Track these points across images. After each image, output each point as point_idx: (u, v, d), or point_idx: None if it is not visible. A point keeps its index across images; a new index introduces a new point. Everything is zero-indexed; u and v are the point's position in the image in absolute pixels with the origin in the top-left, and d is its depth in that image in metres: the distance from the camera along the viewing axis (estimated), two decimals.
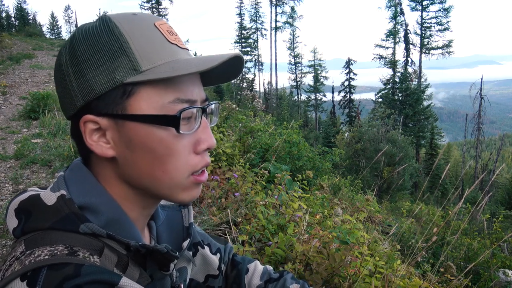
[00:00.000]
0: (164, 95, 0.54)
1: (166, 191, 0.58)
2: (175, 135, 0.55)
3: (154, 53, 0.54)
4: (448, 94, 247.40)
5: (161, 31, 0.56)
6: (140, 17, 0.57)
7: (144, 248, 0.57)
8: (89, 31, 0.55)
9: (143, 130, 0.54)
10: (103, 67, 0.53)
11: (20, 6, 34.97)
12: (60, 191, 0.55)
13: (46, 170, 4.38)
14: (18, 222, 0.55)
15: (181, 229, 0.74)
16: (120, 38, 0.54)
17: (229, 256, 0.93)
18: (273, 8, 39.25)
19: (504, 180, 24.00)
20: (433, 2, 32.77)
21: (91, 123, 0.55)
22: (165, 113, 0.54)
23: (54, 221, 0.53)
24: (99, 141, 0.56)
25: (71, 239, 0.52)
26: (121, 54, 0.53)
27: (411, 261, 2.51)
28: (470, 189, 2.26)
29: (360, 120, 25.98)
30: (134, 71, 0.53)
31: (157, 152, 0.55)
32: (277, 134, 5.84)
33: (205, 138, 0.58)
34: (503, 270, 5.00)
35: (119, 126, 0.55)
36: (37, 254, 0.49)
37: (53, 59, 13.76)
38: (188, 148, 0.57)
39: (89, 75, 0.54)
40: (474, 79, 27.41)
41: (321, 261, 1.96)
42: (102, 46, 0.54)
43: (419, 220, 7.95)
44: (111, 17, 0.56)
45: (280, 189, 2.77)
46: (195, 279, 0.86)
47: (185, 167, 0.57)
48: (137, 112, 0.54)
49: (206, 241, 0.88)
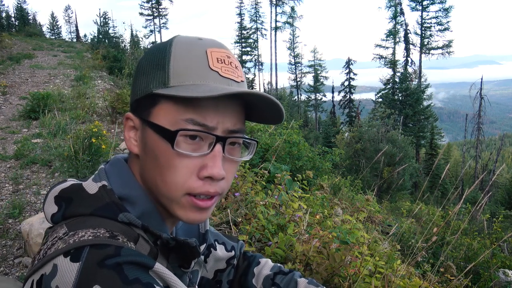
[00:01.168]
0: (182, 113, 0.57)
1: (165, 200, 0.61)
2: (173, 151, 0.57)
3: (186, 74, 0.58)
4: (448, 94, 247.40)
5: (209, 57, 0.59)
6: (200, 42, 0.61)
7: (174, 241, 0.61)
8: (156, 45, 0.63)
9: (153, 138, 0.58)
10: (146, 76, 0.60)
11: (20, 6, 34.94)
12: (101, 182, 0.61)
13: (46, 170, 4.38)
14: (58, 208, 0.59)
15: (197, 234, 0.78)
16: (166, 55, 0.59)
17: (241, 251, 0.98)
18: (273, 8, 39.26)
19: (504, 180, 23.98)
20: (433, 2, 32.77)
21: (130, 120, 0.63)
22: (169, 128, 0.57)
23: (95, 208, 0.57)
24: (132, 137, 0.63)
25: (111, 225, 0.56)
26: (161, 68, 0.59)
27: (411, 261, 2.51)
28: (470, 189, 2.26)
29: (360, 120, 25.98)
30: (163, 84, 0.58)
31: (159, 161, 0.58)
32: (277, 134, 5.84)
33: (209, 166, 0.58)
34: (503, 270, 5.00)
35: (143, 129, 0.61)
36: (81, 235, 0.53)
37: (53, 59, 13.76)
38: (191, 170, 0.58)
39: (138, 80, 0.62)
40: (474, 79, 27.41)
41: (321, 261, 1.96)
42: (152, 59, 0.61)
43: (419, 220, 7.95)
44: (177, 37, 0.62)
45: (280, 189, 2.77)
46: (205, 277, 0.90)
47: (182, 185, 0.58)
48: (155, 121, 0.58)
49: (220, 240, 0.92)
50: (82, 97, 7.85)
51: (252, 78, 42.38)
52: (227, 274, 0.92)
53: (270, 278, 0.91)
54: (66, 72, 11.18)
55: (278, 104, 0.60)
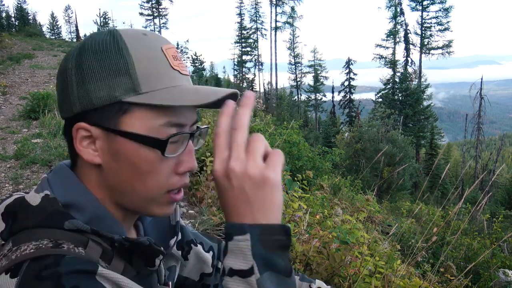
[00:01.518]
0: (157, 117, 0.57)
1: (141, 203, 0.61)
2: (160, 157, 0.57)
3: (156, 78, 0.57)
4: (448, 94, 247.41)
5: (167, 55, 0.59)
6: (149, 39, 0.59)
7: (127, 242, 0.59)
8: (99, 44, 0.57)
9: (132, 147, 0.57)
10: (105, 82, 0.56)
11: (20, 6, 34.96)
12: (44, 191, 0.58)
13: (46, 170, 4.38)
14: (5, 225, 0.57)
15: (168, 228, 0.76)
16: (126, 58, 0.56)
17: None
18: (273, 8, 39.26)
19: (504, 180, 24.00)
20: (433, 2, 32.79)
21: (83, 131, 0.58)
22: (154, 135, 0.57)
23: (39, 220, 0.55)
24: (88, 147, 0.59)
25: (56, 234, 0.54)
26: (125, 73, 0.56)
27: (411, 261, 2.51)
28: (470, 189, 2.26)
29: (360, 120, 25.99)
30: (134, 91, 0.56)
31: (140, 168, 0.58)
32: (277, 134, 5.84)
33: (187, 161, 0.61)
34: (503, 270, 5.00)
35: (109, 139, 0.58)
36: (23, 249, 0.52)
37: (53, 59, 13.76)
38: (170, 168, 0.60)
39: (90, 87, 0.56)
40: (474, 79, 27.41)
41: (321, 261, 1.96)
42: (109, 62, 0.56)
43: (419, 220, 7.95)
44: (122, 34, 0.58)
45: None
46: (190, 278, 0.87)
47: (164, 185, 0.60)
48: (129, 130, 0.56)
49: (198, 239, 0.89)
50: None
51: (252, 78, 42.40)
52: (213, 278, 0.90)
53: None
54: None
55: (236, 93, 0.62)
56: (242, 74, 42.42)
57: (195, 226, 2.63)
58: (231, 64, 43.18)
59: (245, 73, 42.59)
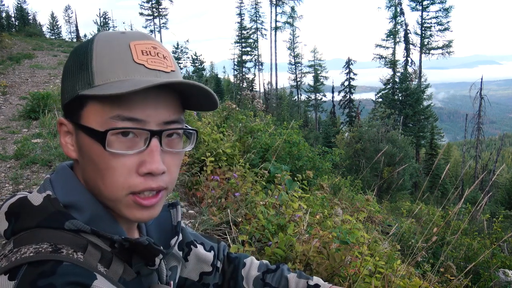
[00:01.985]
0: (109, 110, 0.55)
1: (109, 202, 0.59)
2: (110, 152, 0.55)
3: (110, 71, 0.56)
4: (448, 94, 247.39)
5: (132, 50, 0.57)
6: (122, 36, 0.59)
7: (127, 242, 0.59)
8: (79, 45, 0.62)
9: (87, 141, 0.57)
10: (71, 78, 0.59)
11: (20, 6, 34.95)
12: (46, 192, 0.59)
13: (46, 170, 4.38)
14: (8, 224, 0.58)
15: (170, 228, 0.76)
16: (88, 54, 0.58)
17: (224, 253, 0.96)
18: (273, 8, 39.27)
19: (504, 180, 23.98)
20: (433, 2, 32.78)
21: (63, 125, 0.61)
22: (98, 128, 0.55)
23: (40, 220, 0.56)
24: (69, 142, 0.61)
25: (56, 237, 0.55)
26: (84, 68, 0.58)
27: (411, 261, 2.51)
28: (470, 189, 2.26)
29: (360, 120, 25.99)
30: (88, 85, 0.57)
31: (97, 164, 0.57)
32: (277, 134, 5.84)
33: (148, 162, 0.56)
34: (503, 270, 5.00)
35: (76, 133, 0.59)
36: (23, 252, 0.53)
37: (53, 59, 13.76)
38: (130, 168, 0.56)
39: (65, 84, 0.61)
40: (474, 79, 27.41)
41: (321, 261, 1.96)
42: (76, 59, 0.59)
43: (419, 220, 7.95)
44: (99, 34, 0.61)
45: (280, 189, 2.77)
46: (189, 278, 0.88)
47: (123, 185, 0.57)
48: (84, 123, 0.57)
49: (199, 240, 0.90)
50: None
51: (252, 78, 42.38)
52: (213, 277, 0.91)
53: (260, 278, 0.90)
54: None
55: (208, 90, 0.59)
56: (242, 74, 42.40)
57: (195, 226, 2.63)
58: (231, 64, 43.17)
59: (245, 73, 42.58)
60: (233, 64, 42.69)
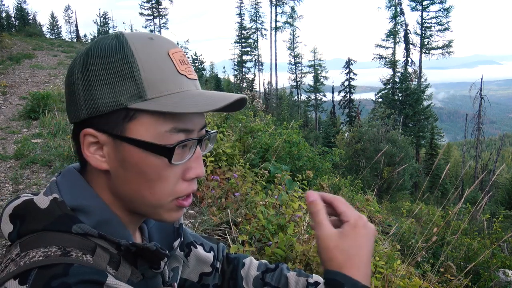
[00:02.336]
0: (163, 123, 0.56)
1: (149, 209, 0.61)
2: (167, 164, 0.57)
3: (162, 83, 0.56)
4: (448, 94, 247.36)
5: (173, 60, 0.58)
6: (156, 43, 0.58)
7: (134, 247, 0.59)
8: (105, 49, 0.56)
9: (138, 154, 0.56)
10: (110, 88, 0.55)
11: (20, 6, 34.95)
12: (52, 195, 0.58)
13: (46, 170, 4.38)
14: (13, 227, 0.57)
15: (171, 230, 0.77)
16: (132, 64, 0.55)
17: (223, 254, 0.96)
18: (273, 8, 39.27)
19: (504, 180, 23.98)
20: (433, 2, 32.79)
21: (91, 137, 0.57)
22: (161, 142, 0.56)
23: (47, 223, 0.55)
24: (95, 153, 0.58)
25: (64, 240, 0.54)
26: (130, 79, 0.55)
27: (411, 261, 2.51)
28: (470, 189, 2.26)
29: (360, 120, 25.99)
30: (139, 97, 0.55)
31: (147, 175, 0.57)
32: (277, 134, 5.84)
33: (195, 167, 0.60)
34: (503, 270, 5.00)
35: (116, 145, 0.57)
36: (31, 256, 0.51)
37: (53, 59, 13.76)
38: (178, 175, 0.59)
39: (96, 93, 0.56)
40: (474, 79, 27.42)
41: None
42: (114, 67, 0.55)
43: (419, 220, 7.95)
44: (128, 39, 0.57)
45: (280, 189, 2.77)
46: (189, 279, 0.88)
47: (172, 192, 0.59)
48: (135, 137, 0.56)
49: (198, 241, 0.90)
50: None
51: (252, 78, 42.38)
52: (212, 278, 0.91)
53: (260, 278, 0.90)
54: (66, 72, 11.17)
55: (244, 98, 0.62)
56: (242, 74, 42.41)
57: (195, 226, 2.63)
58: (231, 64, 43.19)
59: (245, 73, 42.59)
60: (233, 64, 42.70)
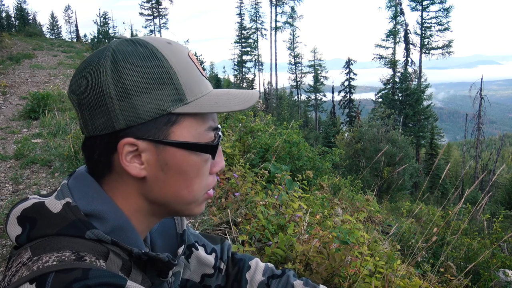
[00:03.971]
0: (202, 124, 0.60)
1: (183, 206, 0.64)
2: (205, 160, 0.62)
3: (195, 86, 0.60)
4: (448, 94, 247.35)
5: (195, 63, 0.62)
6: (176, 48, 0.61)
7: (146, 256, 0.59)
8: (136, 57, 0.56)
9: (181, 155, 0.59)
10: (151, 95, 0.56)
11: (20, 6, 34.93)
12: (65, 199, 0.57)
13: (46, 170, 4.38)
14: (21, 230, 0.56)
15: (174, 235, 0.77)
16: (169, 70, 0.57)
17: (228, 254, 0.95)
18: (273, 8, 39.25)
19: (504, 180, 23.98)
20: (433, 2, 32.78)
21: (129, 146, 0.56)
22: (201, 141, 0.60)
23: (61, 228, 0.54)
24: (132, 162, 0.58)
25: (77, 245, 0.53)
26: (169, 84, 0.57)
27: (411, 261, 2.51)
28: (470, 189, 2.26)
29: (360, 120, 25.99)
30: (181, 102, 0.57)
31: (188, 174, 0.60)
32: (277, 134, 5.84)
33: (219, 161, 0.65)
34: (503, 270, 5.00)
35: (158, 150, 0.58)
36: (45, 260, 0.51)
37: (53, 59, 13.76)
38: (208, 169, 0.64)
39: (136, 101, 0.55)
40: (474, 79, 27.42)
41: (321, 261, 1.96)
42: (153, 74, 0.56)
43: (419, 220, 7.95)
44: (155, 45, 0.58)
45: (280, 189, 2.77)
46: (191, 280, 0.88)
47: (205, 186, 0.64)
48: (179, 139, 0.58)
49: (200, 242, 0.90)
50: None
51: (252, 78, 42.39)
52: (215, 279, 0.90)
53: (265, 284, 0.89)
54: (66, 72, 11.18)
55: (256, 93, 0.66)
56: (242, 74, 42.41)
57: (195, 226, 2.63)
58: (231, 64, 43.19)
59: (245, 73, 42.59)
60: (233, 64, 42.70)
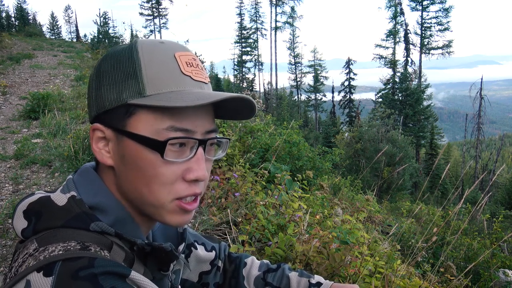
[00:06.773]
0: (161, 121, 0.57)
1: (152, 209, 0.61)
2: (163, 160, 0.57)
3: (161, 81, 0.58)
4: (448, 94, 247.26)
5: (179, 62, 0.60)
6: (164, 46, 0.61)
7: (149, 246, 0.60)
8: (117, 51, 0.61)
9: (135, 148, 0.58)
10: (115, 86, 0.59)
11: (20, 6, 34.92)
12: (70, 192, 0.59)
13: (46, 170, 4.38)
14: (27, 223, 0.58)
15: (175, 234, 0.78)
16: (135, 62, 0.58)
17: (225, 253, 0.97)
18: (273, 8, 39.25)
19: (504, 180, 23.97)
20: (433, 2, 32.76)
21: (99, 131, 0.61)
22: (155, 138, 0.57)
23: (66, 220, 0.56)
24: (102, 149, 0.61)
25: (82, 236, 0.55)
26: (133, 77, 0.58)
27: (411, 261, 2.51)
28: (470, 189, 2.26)
29: (360, 120, 25.98)
30: (139, 94, 0.57)
31: (144, 171, 0.58)
32: (277, 134, 5.84)
33: (195, 169, 0.60)
34: (503, 270, 5.00)
35: (118, 140, 0.59)
36: (51, 250, 0.52)
37: (53, 59, 13.76)
38: (178, 175, 0.59)
39: (104, 90, 0.60)
40: (474, 79, 27.41)
41: (321, 261, 1.96)
42: (121, 67, 0.59)
43: (419, 220, 7.95)
44: (139, 42, 0.61)
45: (280, 189, 2.77)
46: (189, 280, 0.89)
47: (169, 191, 0.59)
48: (133, 131, 0.58)
49: (200, 241, 0.91)
50: (82, 97, 7.86)
51: (252, 78, 42.37)
52: (213, 276, 0.92)
53: (261, 278, 0.91)
54: (66, 72, 11.18)
55: (252, 102, 0.63)
56: (242, 74, 42.40)
57: (195, 226, 2.63)
58: (231, 64, 43.18)
59: (245, 73, 42.58)
60: (233, 64, 42.69)
